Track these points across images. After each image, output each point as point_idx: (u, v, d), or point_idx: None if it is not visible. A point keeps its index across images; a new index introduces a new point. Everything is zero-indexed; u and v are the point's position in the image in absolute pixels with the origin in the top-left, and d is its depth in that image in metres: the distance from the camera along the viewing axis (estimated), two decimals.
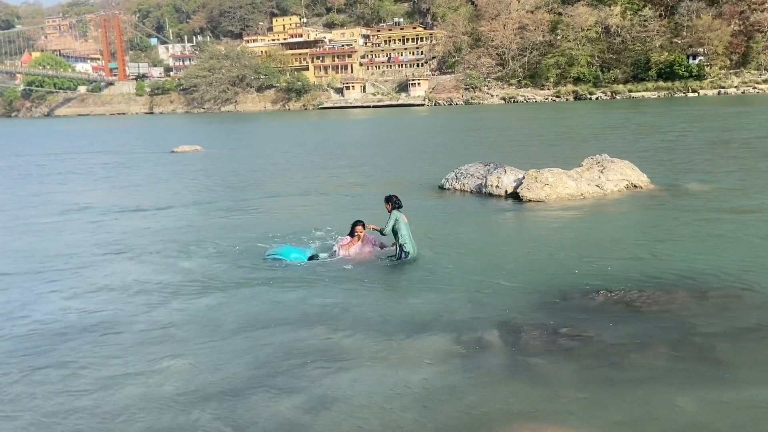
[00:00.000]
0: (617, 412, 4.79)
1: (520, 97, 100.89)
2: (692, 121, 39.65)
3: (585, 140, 29.40)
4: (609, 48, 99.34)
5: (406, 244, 9.13)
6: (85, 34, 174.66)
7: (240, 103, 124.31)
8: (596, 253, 9.27)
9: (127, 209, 15.10)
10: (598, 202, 13.38)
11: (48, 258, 10.30)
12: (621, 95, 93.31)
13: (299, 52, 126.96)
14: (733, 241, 9.62)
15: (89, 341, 6.58)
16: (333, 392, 5.25)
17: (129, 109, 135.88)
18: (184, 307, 7.55)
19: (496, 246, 10.15)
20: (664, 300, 7.09)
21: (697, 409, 4.79)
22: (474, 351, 5.95)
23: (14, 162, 30.40)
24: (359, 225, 9.56)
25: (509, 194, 14.40)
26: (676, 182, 15.37)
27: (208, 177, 21.62)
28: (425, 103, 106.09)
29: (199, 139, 37.86)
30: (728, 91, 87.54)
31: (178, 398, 5.22)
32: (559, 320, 6.58)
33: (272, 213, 13.89)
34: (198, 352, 6.16)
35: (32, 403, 5.27)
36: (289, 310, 7.30)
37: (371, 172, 21.02)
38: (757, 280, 7.65)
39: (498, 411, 4.88)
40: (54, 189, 19.65)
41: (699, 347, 5.86)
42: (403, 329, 6.55)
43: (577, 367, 5.55)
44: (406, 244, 9.13)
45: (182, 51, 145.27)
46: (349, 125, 59.48)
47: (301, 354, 6.02)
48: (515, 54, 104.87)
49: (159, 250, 10.59)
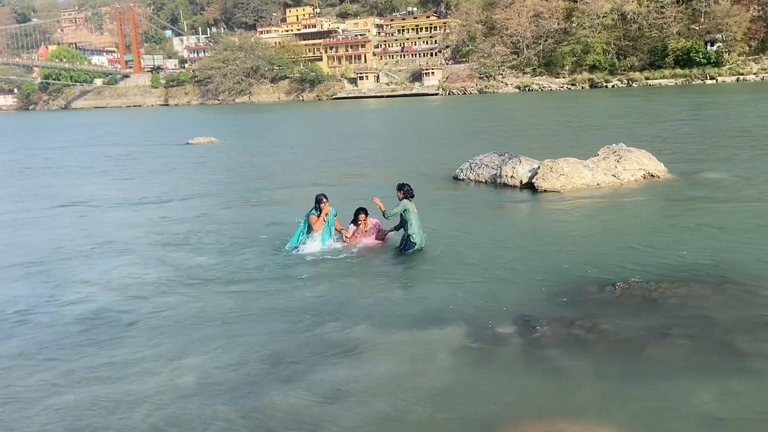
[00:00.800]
0: (634, 405, 4.74)
1: (535, 86, 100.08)
2: (710, 108, 39.14)
3: (601, 128, 29.12)
4: (625, 35, 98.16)
5: (414, 234, 9.08)
6: (101, 27, 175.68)
7: (254, 95, 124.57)
8: (613, 244, 9.18)
9: (143, 201, 15.20)
10: (615, 192, 13.25)
11: (63, 252, 10.39)
12: (637, 83, 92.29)
13: (313, 42, 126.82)
14: (752, 232, 9.48)
15: (106, 334, 6.63)
16: (347, 385, 5.25)
17: (144, 101, 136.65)
18: (198, 300, 7.58)
19: (510, 237, 10.08)
20: (682, 291, 7.01)
21: (716, 402, 4.73)
22: (488, 344, 5.92)
23: (36, 154, 30.72)
24: (362, 213, 9.55)
25: (524, 185, 14.30)
26: (695, 171, 15.18)
27: (223, 168, 21.69)
28: (439, 93, 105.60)
29: (213, 131, 37.98)
30: (747, 77, 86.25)
31: (196, 391, 5.25)
32: (575, 313, 6.53)
33: (286, 204, 13.90)
34: (214, 345, 6.19)
35: (51, 394, 5.32)
36: (303, 303, 7.31)
37: (385, 163, 20.97)
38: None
39: (512, 404, 4.85)
40: (70, 182, 19.81)
41: (718, 339, 5.78)
42: (417, 322, 6.53)
43: (594, 360, 5.50)
44: (414, 234, 9.08)
45: (196, 43, 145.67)
46: (363, 115, 59.39)
47: (316, 347, 6.02)
48: (530, 42, 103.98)
49: (173, 242, 10.65)
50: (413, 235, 9.08)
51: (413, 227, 9.08)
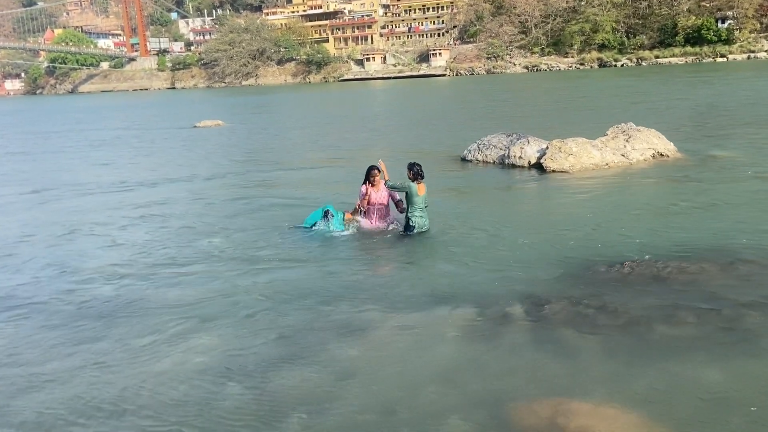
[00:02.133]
0: (643, 384, 4.75)
1: (544, 66, 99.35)
2: (721, 86, 38.73)
3: (609, 108, 28.89)
4: (635, 13, 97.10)
5: (413, 217, 9.06)
6: (106, 10, 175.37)
7: (261, 77, 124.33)
8: (622, 223, 9.14)
9: (150, 184, 15.24)
10: (624, 172, 13.18)
11: (71, 232, 10.45)
12: (647, 62, 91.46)
13: (319, 23, 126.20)
14: (762, 210, 9.42)
15: (116, 317, 6.68)
16: (356, 365, 5.28)
17: (151, 85, 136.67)
18: (206, 281, 7.62)
19: (519, 217, 10.06)
20: (690, 270, 6.98)
21: (725, 382, 4.73)
22: (497, 324, 5.93)
23: (48, 135, 30.82)
24: (374, 170, 9.53)
25: (532, 165, 14.25)
26: (705, 150, 15.06)
27: (230, 151, 21.71)
28: (446, 74, 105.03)
29: (220, 114, 37.99)
30: (758, 55, 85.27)
31: (206, 372, 5.29)
32: (583, 292, 6.52)
33: (295, 187, 13.91)
34: (224, 327, 6.22)
35: (60, 378, 5.37)
36: (312, 284, 7.33)
37: (393, 144, 20.92)
38: None
39: (521, 384, 4.87)
40: (86, 163, 19.90)
41: (727, 318, 5.77)
42: (426, 303, 6.54)
43: (602, 339, 5.50)
44: (412, 217, 9.07)
45: (202, 25, 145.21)
46: (370, 97, 59.15)
47: (325, 328, 6.05)
48: (538, 21, 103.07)
49: (180, 225, 10.69)
50: (411, 218, 9.08)
51: (414, 209, 9.06)
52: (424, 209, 9.13)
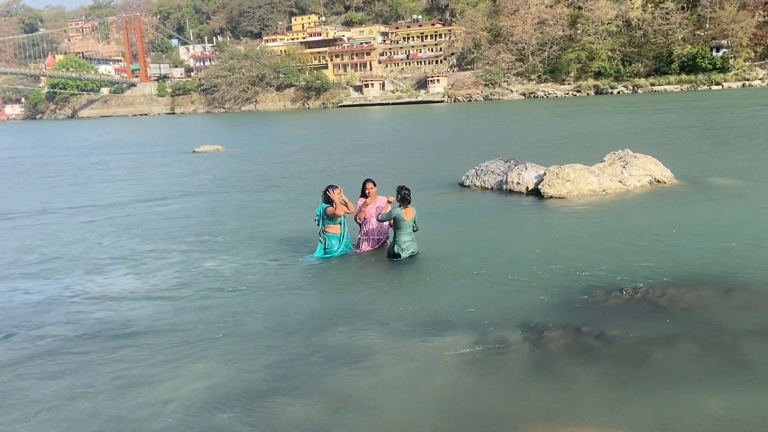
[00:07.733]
0: (641, 413, 4.71)
1: (540, 93, 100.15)
2: (717, 114, 39.03)
3: (606, 135, 29.07)
4: (630, 41, 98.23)
5: (396, 244, 9.06)
6: (107, 36, 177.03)
7: (260, 102, 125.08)
8: (619, 250, 9.14)
9: (144, 207, 15.23)
10: (621, 198, 13.21)
11: (64, 259, 10.41)
12: (643, 89, 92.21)
13: (318, 50, 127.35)
14: (760, 238, 9.42)
15: (111, 343, 6.62)
16: (353, 393, 5.23)
17: (151, 110, 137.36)
18: (205, 308, 7.58)
19: (517, 243, 10.06)
20: (689, 297, 6.97)
21: (724, 410, 4.69)
22: (495, 350, 5.90)
23: (49, 159, 30.87)
24: (369, 182, 9.63)
25: (530, 191, 14.28)
26: (702, 177, 15.12)
27: (229, 177, 21.75)
28: (444, 100, 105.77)
29: (220, 139, 38.12)
30: (753, 83, 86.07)
31: (203, 399, 5.24)
32: (581, 319, 6.49)
33: (293, 211, 13.91)
34: (220, 353, 6.18)
35: (55, 403, 5.32)
36: (309, 310, 7.30)
37: (392, 170, 20.96)
38: None
39: (519, 411, 4.82)
40: (81, 188, 19.91)
41: (726, 346, 5.74)
42: (424, 329, 6.51)
43: (600, 366, 5.47)
44: (396, 244, 9.07)
45: (202, 51, 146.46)
46: (369, 123, 59.48)
47: (322, 355, 6.01)
48: (535, 49, 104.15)
49: (178, 248, 10.66)
50: (395, 245, 9.09)
51: (401, 234, 9.06)
52: (412, 233, 9.14)
